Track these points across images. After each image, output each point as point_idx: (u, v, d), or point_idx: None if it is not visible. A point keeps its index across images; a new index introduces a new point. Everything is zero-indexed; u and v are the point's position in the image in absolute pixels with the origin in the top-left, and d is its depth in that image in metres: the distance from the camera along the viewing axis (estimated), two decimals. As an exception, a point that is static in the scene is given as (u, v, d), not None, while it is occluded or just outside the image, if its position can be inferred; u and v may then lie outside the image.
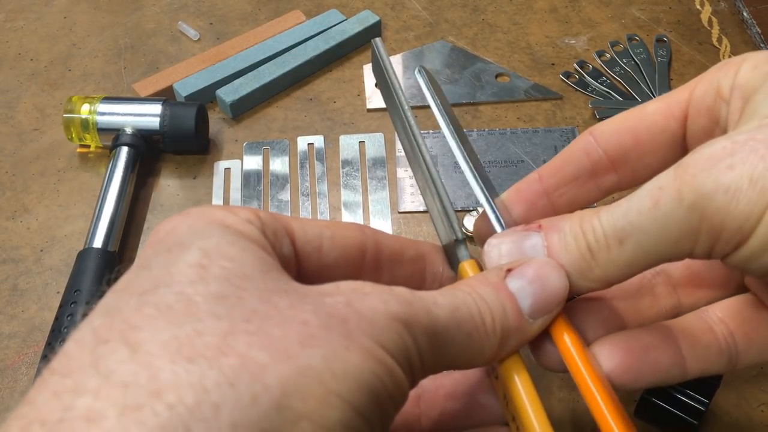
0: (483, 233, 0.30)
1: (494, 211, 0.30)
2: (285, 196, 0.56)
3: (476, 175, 0.30)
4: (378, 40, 0.32)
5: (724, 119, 0.27)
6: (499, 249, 0.28)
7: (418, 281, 0.30)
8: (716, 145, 0.24)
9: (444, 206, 0.30)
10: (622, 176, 0.30)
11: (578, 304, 0.30)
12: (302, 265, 0.26)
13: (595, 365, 0.27)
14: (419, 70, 0.32)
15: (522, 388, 0.26)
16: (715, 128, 0.28)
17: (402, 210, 0.54)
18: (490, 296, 0.26)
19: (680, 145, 0.29)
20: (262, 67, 0.62)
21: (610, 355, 0.28)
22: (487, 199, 0.30)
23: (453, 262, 0.30)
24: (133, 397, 0.18)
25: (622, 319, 0.30)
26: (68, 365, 0.19)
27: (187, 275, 0.21)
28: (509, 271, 0.27)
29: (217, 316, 0.20)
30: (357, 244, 0.28)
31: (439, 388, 0.30)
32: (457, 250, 0.29)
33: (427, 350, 0.23)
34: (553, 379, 0.45)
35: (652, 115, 0.29)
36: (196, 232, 0.23)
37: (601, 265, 0.26)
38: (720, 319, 0.29)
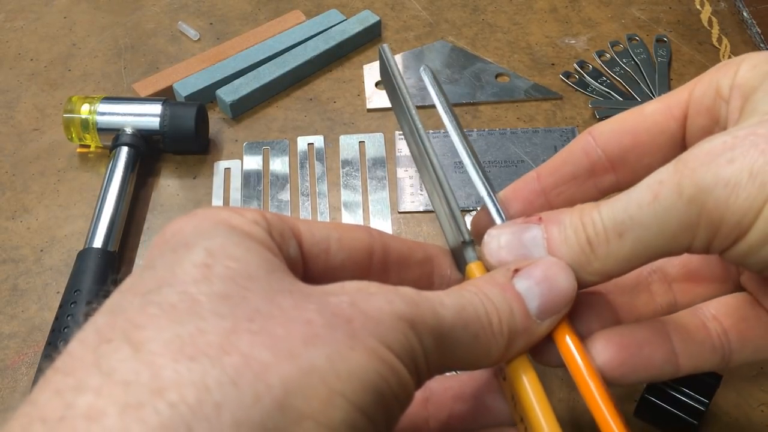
0: (481, 227, 0.30)
1: (494, 204, 0.30)
2: (285, 196, 0.56)
3: (477, 168, 0.30)
4: (385, 46, 0.32)
5: (724, 118, 0.28)
6: (498, 240, 0.28)
7: (426, 284, 0.30)
8: (716, 140, 0.24)
9: (451, 208, 0.30)
10: (620, 176, 0.30)
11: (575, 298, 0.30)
12: (309, 267, 0.26)
13: (592, 362, 0.27)
14: (424, 69, 0.33)
15: (530, 389, 0.26)
16: (715, 128, 0.28)
17: (402, 210, 0.54)
18: (497, 297, 0.25)
19: (679, 146, 0.29)
20: (262, 67, 0.62)
21: (603, 349, 0.28)
22: (488, 192, 0.30)
23: (460, 264, 0.30)
24: (135, 396, 0.18)
25: (617, 314, 0.30)
26: (71, 364, 0.19)
27: (192, 275, 0.21)
28: (516, 271, 0.26)
29: (220, 315, 0.20)
30: (365, 246, 0.27)
31: (447, 390, 0.30)
32: (464, 252, 0.29)
33: (432, 351, 0.23)
34: (552, 379, 0.45)
35: (652, 115, 0.29)
36: (202, 232, 0.23)
37: (600, 258, 0.26)
38: (714, 316, 0.30)
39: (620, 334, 0.28)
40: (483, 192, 0.30)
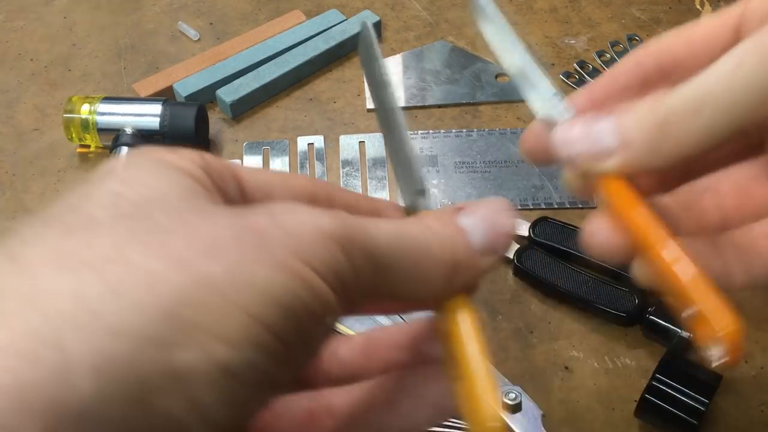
0: (537, 145, 0.30)
1: (560, 100, 0.30)
2: (285, 196, 0.56)
3: (536, 65, 0.31)
4: (367, 22, 0.32)
5: None
6: (570, 132, 0.28)
7: None
8: None
9: (406, 154, 0.28)
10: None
11: None
12: None
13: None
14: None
15: (463, 327, 0.25)
16: None
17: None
18: (439, 228, 0.25)
19: None
20: (262, 67, 0.62)
21: None
22: (552, 89, 0.30)
23: None
24: (4, 305, 0.17)
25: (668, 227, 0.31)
26: None
27: (99, 200, 0.20)
28: (460, 210, 0.26)
29: (115, 230, 0.19)
30: (307, 192, 0.27)
31: (386, 338, 0.30)
32: (417, 202, 0.28)
33: (366, 272, 0.22)
34: (552, 379, 0.45)
35: (706, 25, 0.30)
36: (128, 166, 0.23)
37: (674, 136, 0.26)
38: (766, 234, 0.29)
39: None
40: (548, 91, 0.30)
